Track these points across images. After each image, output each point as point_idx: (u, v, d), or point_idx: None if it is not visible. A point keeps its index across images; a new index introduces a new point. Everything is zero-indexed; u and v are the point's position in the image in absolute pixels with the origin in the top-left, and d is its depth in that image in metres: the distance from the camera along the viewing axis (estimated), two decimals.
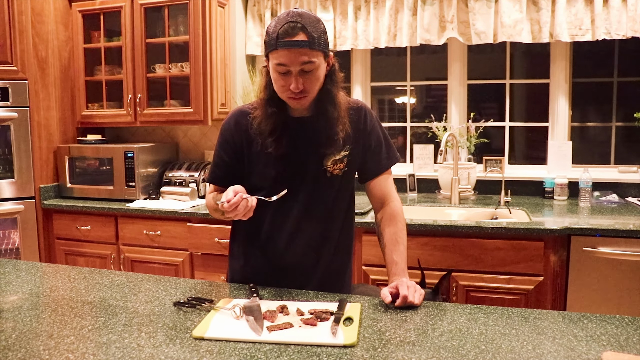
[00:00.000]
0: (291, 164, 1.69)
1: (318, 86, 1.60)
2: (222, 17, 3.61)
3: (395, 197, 1.77)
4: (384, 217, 1.73)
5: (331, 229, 1.77)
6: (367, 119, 1.74)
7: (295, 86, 1.53)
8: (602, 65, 3.54)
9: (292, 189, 1.64)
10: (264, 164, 1.70)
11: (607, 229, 2.54)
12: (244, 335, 1.30)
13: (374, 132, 1.75)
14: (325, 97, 1.64)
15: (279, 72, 1.54)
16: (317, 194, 1.72)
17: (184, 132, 3.98)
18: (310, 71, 1.54)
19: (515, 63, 3.70)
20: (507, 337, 1.29)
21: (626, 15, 3.06)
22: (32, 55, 3.45)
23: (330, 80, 1.64)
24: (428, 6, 3.38)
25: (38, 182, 3.54)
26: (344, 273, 1.86)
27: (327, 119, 1.64)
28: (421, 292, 1.52)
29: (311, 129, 1.67)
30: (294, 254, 1.74)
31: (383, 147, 1.77)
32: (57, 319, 1.44)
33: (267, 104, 1.65)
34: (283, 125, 1.66)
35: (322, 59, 1.56)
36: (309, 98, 1.60)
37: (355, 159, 1.74)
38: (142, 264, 3.33)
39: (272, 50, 1.52)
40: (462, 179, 3.36)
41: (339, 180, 1.73)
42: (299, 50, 1.49)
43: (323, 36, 1.55)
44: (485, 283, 2.65)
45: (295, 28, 1.48)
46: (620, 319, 1.39)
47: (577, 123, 3.58)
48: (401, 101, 3.96)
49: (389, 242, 1.67)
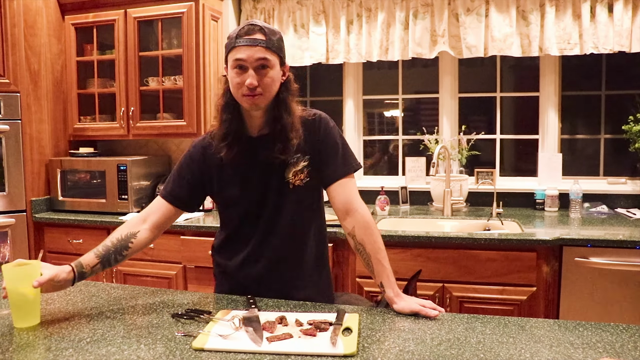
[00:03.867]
0: (253, 180, 1.73)
1: (272, 88, 1.64)
2: (216, 31, 3.64)
3: (361, 205, 1.72)
4: (357, 226, 1.69)
5: (299, 242, 1.79)
6: (322, 127, 1.75)
7: (251, 82, 1.58)
8: (590, 78, 3.60)
9: (257, 204, 1.72)
10: (229, 185, 1.75)
11: (598, 240, 2.57)
12: (244, 346, 1.30)
13: (329, 138, 1.74)
14: (281, 105, 1.68)
15: (236, 69, 1.60)
16: (282, 207, 1.73)
17: (176, 145, 3.98)
18: (265, 70, 1.60)
19: (505, 76, 3.75)
20: (504, 346, 1.30)
21: (613, 30, 3.12)
22: (25, 68, 3.45)
23: (286, 89, 1.70)
24: (420, 20, 3.42)
25: (29, 195, 3.52)
26: (325, 285, 1.89)
27: (282, 126, 1.67)
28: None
29: (269, 142, 1.69)
30: (262, 268, 1.77)
31: (339, 153, 1.74)
32: (53, 331, 1.43)
33: (223, 110, 1.72)
34: (239, 137, 1.70)
35: (277, 61, 1.63)
36: (263, 98, 1.63)
37: (316, 168, 1.74)
38: (135, 277, 3.31)
39: (232, 49, 1.61)
40: (454, 191, 3.39)
41: (302, 191, 1.73)
42: (256, 48, 1.58)
43: (279, 42, 1.64)
44: (479, 294, 2.67)
45: (254, 29, 1.59)
46: (615, 326, 1.41)
47: (567, 135, 3.63)
48: (391, 114, 3.99)
49: (373, 251, 1.67)
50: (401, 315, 1.54)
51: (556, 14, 3.22)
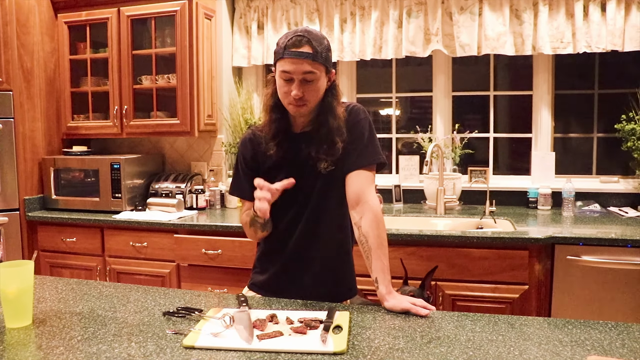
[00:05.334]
0: (293, 173, 1.74)
1: (317, 97, 1.69)
2: (209, 29, 3.63)
3: (372, 198, 1.72)
4: (364, 217, 1.69)
5: (326, 226, 1.81)
6: (351, 118, 1.77)
7: (296, 93, 1.64)
8: (583, 77, 3.61)
9: (299, 195, 1.76)
10: (273, 177, 1.76)
11: (590, 238, 2.59)
12: (235, 344, 1.31)
13: (355, 129, 1.76)
14: (327, 109, 1.73)
15: (283, 79, 1.66)
16: (312, 195, 1.77)
17: (170, 143, 3.98)
18: (311, 81, 1.65)
19: (498, 75, 3.76)
20: (494, 344, 1.31)
21: (606, 29, 3.13)
22: (17, 67, 3.44)
23: (331, 94, 1.75)
24: (413, 19, 3.43)
25: (23, 194, 3.51)
26: (349, 272, 1.90)
27: (328, 129, 1.71)
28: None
29: (311, 139, 1.74)
30: (304, 255, 1.80)
31: (363, 144, 1.75)
32: (45, 330, 1.43)
33: (272, 110, 1.77)
34: (285, 134, 1.76)
35: (323, 72, 1.68)
36: (307, 107, 1.69)
37: (340, 158, 1.75)
38: (129, 276, 3.31)
39: (279, 59, 1.66)
40: (447, 189, 3.39)
41: (327, 180, 1.76)
42: (303, 61, 1.62)
43: (326, 52, 1.68)
44: (471, 292, 2.68)
45: (302, 41, 1.63)
46: (604, 324, 1.42)
47: (560, 134, 3.64)
48: (385, 113, 4.00)
49: (375, 245, 1.68)
50: (392, 314, 1.55)
51: (549, 12, 3.22)
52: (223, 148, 3.81)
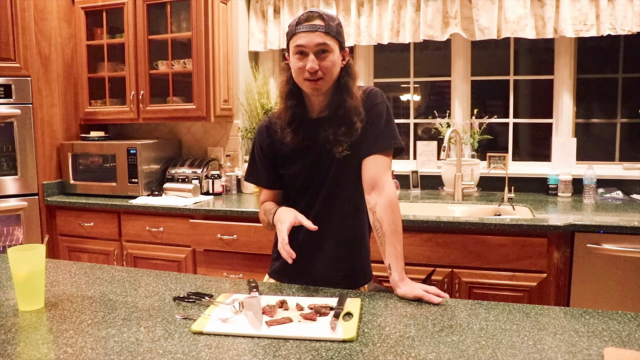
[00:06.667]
0: (310, 158, 1.76)
1: (332, 72, 1.67)
2: (225, 14, 3.61)
3: (389, 183, 1.70)
4: (379, 203, 1.67)
5: (341, 212, 1.79)
6: (369, 101, 1.74)
7: (312, 66, 1.62)
8: (606, 61, 3.51)
9: (313, 178, 1.77)
10: (289, 163, 1.79)
11: (611, 226, 2.52)
12: (243, 329, 1.29)
13: (372, 113, 1.73)
14: (342, 89, 1.71)
15: (298, 54, 1.65)
16: (335, 179, 1.76)
17: (186, 128, 3.98)
18: (325, 54, 1.64)
19: (519, 59, 3.67)
20: (507, 333, 1.27)
21: (632, 11, 3.03)
22: (35, 52, 3.46)
23: (347, 73, 1.72)
24: (431, 2, 3.36)
25: (41, 179, 3.55)
26: (364, 258, 1.89)
27: (345, 110, 1.69)
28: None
29: (328, 124, 1.72)
30: (320, 241, 1.79)
31: (379, 128, 1.72)
32: (56, 313, 1.44)
33: (288, 97, 1.76)
34: (301, 120, 1.74)
35: (337, 46, 1.67)
36: (324, 82, 1.66)
37: (356, 142, 1.73)
38: (145, 260, 3.33)
39: (292, 36, 1.66)
40: (465, 175, 3.34)
41: (344, 164, 1.74)
42: (315, 33, 1.62)
43: (338, 28, 1.68)
44: (488, 280, 2.64)
45: (313, 16, 1.65)
46: (623, 314, 1.37)
47: (582, 119, 3.55)
48: (406, 99, 3.94)
49: (389, 231, 1.65)
50: (404, 301, 1.53)
51: None
52: (239, 133, 3.80)
